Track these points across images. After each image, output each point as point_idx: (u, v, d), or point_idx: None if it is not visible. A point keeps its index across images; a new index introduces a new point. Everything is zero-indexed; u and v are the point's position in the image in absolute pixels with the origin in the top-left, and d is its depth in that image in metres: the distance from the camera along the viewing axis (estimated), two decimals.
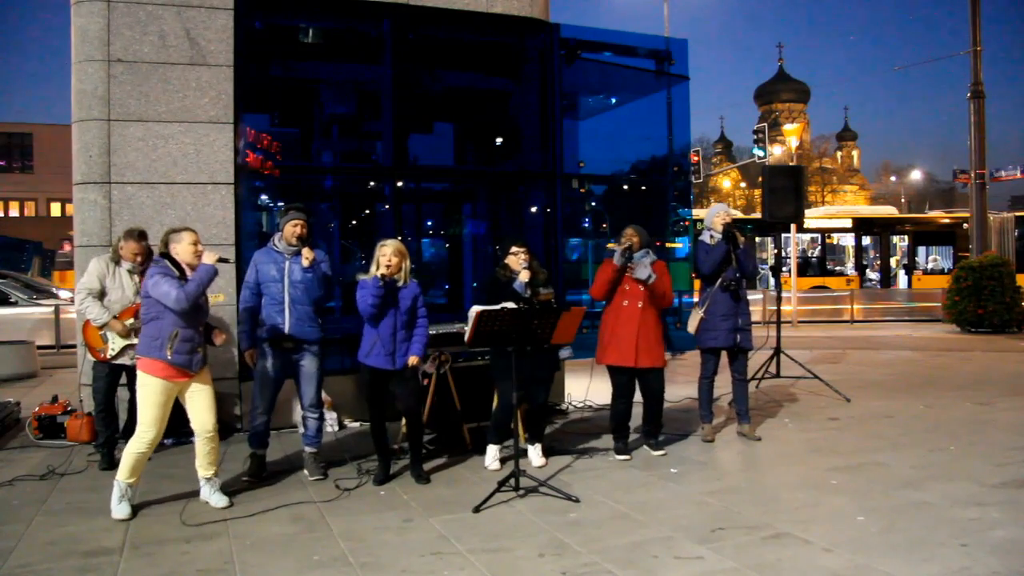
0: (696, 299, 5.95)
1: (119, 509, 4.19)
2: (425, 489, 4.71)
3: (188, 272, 4.25)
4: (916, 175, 57.20)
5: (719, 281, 5.67)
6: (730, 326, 5.66)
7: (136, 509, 4.27)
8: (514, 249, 5.12)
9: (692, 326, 5.78)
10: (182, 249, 4.29)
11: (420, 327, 4.89)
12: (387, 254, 4.70)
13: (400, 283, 4.76)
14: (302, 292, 4.87)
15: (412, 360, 4.84)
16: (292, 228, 4.89)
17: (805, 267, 22.67)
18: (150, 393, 4.18)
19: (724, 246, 5.66)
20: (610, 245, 5.32)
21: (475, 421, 5.60)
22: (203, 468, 4.43)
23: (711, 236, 5.78)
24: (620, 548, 3.70)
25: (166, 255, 4.30)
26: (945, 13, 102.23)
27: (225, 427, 6.06)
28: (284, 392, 5.18)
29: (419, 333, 4.88)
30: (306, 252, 4.84)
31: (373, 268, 4.74)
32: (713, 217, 5.80)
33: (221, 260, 4.31)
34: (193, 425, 4.40)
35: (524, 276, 5.05)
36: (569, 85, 7.78)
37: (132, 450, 4.21)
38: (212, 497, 4.39)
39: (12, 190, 35.96)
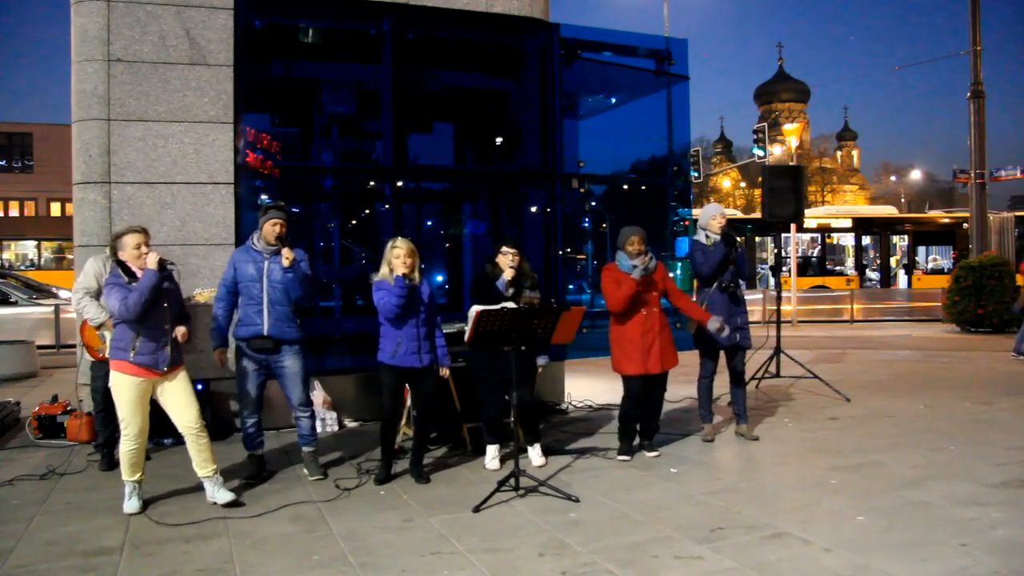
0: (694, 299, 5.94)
1: (128, 505, 4.28)
2: (425, 489, 4.71)
3: (139, 274, 4.18)
4: (916, 175, 57.16)
5: (717, 283, 5.68)
6: (730, 326, 5.66)
7: (146, 504, 4.32)
8: (504, 249, 5.13)
9: (692, 327, 5.78)
10: (126, 255, 4.23)
11: (437, 328, 4.96)
12: (401, 255, 4.69)
13: (415, 282, 4.77)
14: (281, 292, 4.81)
15: (444, 372, 4.96)
16: (272, 227, 4.82)
17: (805, 267, 22.68)
18: (122, 390, 4.22)
19: (723, 249, 5.66)
20: (631, 262, 5.19)
21: (475, 421, 5.60)
22: (200, 467, 4.40)
23: (707, 236, 5.78)
24: (620, 548, 3.70)
25: (120, 261, 4.24)
26: (945, 13, 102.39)
27: (225, 427, 6.08)
28: (283, 392, 5.17)
29: (440, 338, 4.96)
30: (286, 252, 4.77)
31: (385, 268, 4.74)
32: (709, 219, 5.80)
33: (163, 263, 4.19)
34: (176, 425, 4.38)
35: (507, 275, 5.07)
36: (569, 85, 7.78)
37: (123, 449, 4.27)
38: (217, 494, 4.37)
39: (12, 190, 35.94)
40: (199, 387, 5.77)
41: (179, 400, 4.35)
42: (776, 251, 12.52)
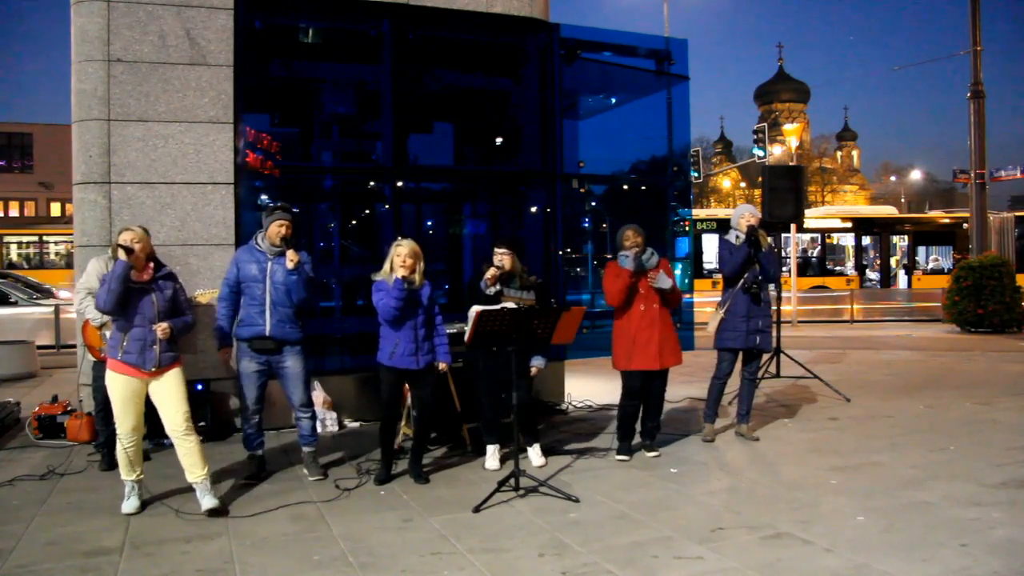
0: (718, 299, 5.92)
1: (126, 505, 4.28)
2: (425, 489, 4.71)
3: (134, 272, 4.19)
4: (916, 175, 57.16)
5: (740, 283, 5.67)
6: (750, 327, 5.65)
7: (144, 504, 4.33)
8: (495, 249, 5.11)
9: (712, 326, 5.77)
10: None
11: (439, 327, 4.95)
12: (403, 255, 4.68)
13: (415, 284, 4.75)
14: (283, 294, 4.80)
15: (442, 366, 4.93)
16: (277, 228, 4.81)
17: (805, 267, 22.68)
18: (113, 388, 4.24)
19: (746, 248, 5.65)
20: (622, 253, 5.26)
21: (475, 421, 5.60)
22: (189, 472, 4.30)
23: (736, 236, 5.76)
24: (620, 548, 3.70)
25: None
26: (945, 13, 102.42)
27: (225, 427, 6.08)
28: (284, 392, 5.17)
29: (441, 336, 4.94)
30: (291, 254, 4.75)
31: (387, 268, 4.73)
32: (739, 218, 5.78)
33: (122, 248, 4.08)
34: (165, 427, 4.33)
35: (488, 274, 4.99)
36: (569, 85, 7.78)
37: (118, 448, 4.29)
38: (203, 500, 4.27)
39: (12, 190, 35.97)
40: (199, 387, 5.80)
41: (167, 401, 4.30)
42: (776, 251, 12.52)
